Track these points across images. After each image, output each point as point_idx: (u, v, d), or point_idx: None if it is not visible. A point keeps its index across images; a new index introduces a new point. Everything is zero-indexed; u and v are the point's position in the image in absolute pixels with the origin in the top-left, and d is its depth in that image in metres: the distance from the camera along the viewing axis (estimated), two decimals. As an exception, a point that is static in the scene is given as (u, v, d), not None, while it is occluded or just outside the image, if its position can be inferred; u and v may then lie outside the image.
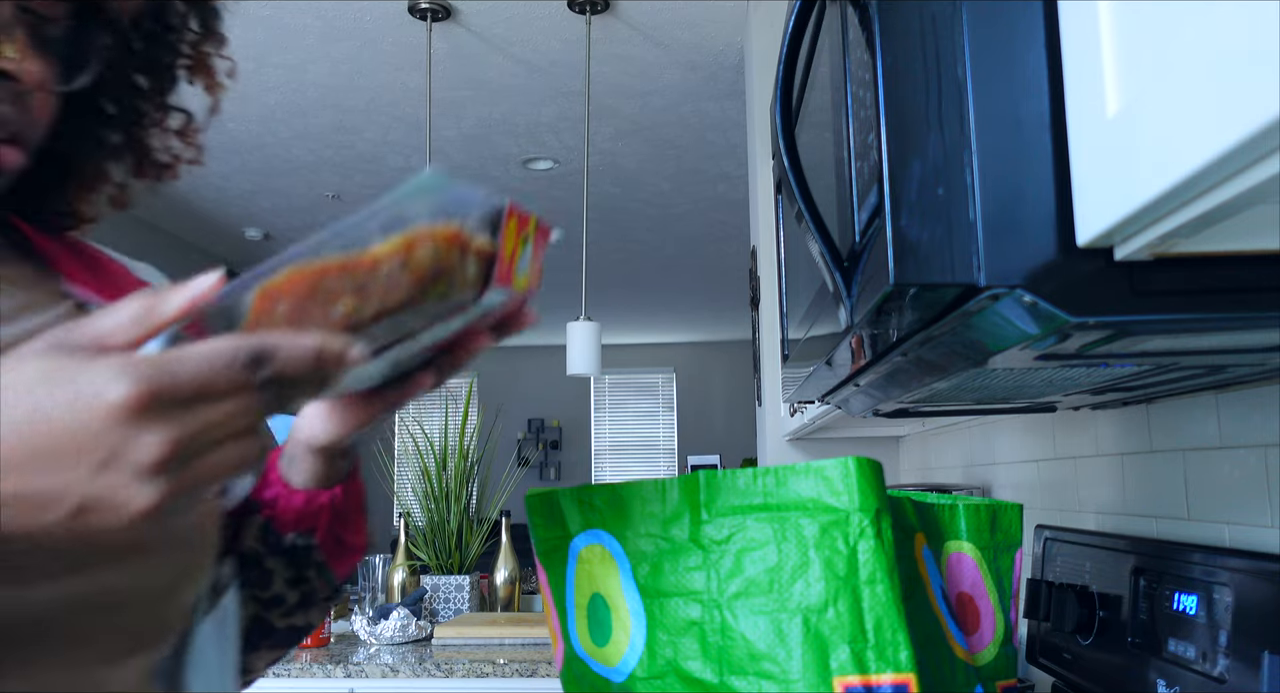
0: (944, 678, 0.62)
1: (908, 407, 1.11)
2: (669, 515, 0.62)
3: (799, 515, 0.58)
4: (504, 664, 2.00)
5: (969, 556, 0.72)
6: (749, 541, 0.59)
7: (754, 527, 0.59)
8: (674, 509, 0.62)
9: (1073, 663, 1.12)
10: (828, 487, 0.58)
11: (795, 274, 1.07)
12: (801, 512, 0.58)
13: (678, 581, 0.61)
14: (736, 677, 0.57)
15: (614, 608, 0.63)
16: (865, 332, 0.69)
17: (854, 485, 0.57)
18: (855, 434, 2.33)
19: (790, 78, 0.77)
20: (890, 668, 0.54)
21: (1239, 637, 0.79)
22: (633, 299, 6.90)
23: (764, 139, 2.47)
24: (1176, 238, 0.40)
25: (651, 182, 4.40)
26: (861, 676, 0.54)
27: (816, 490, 0.58)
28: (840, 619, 0.55)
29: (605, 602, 0.64)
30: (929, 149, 0.51)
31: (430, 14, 2.80)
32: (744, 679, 0.57)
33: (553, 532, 0.68)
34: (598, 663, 0.65)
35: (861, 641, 0.55)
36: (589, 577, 0.66)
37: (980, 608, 0.72)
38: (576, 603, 0.66)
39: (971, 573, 0.72)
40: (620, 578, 0.64)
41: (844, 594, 0.56)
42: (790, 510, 0.58)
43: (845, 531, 0.57)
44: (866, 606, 0.56)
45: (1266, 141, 0.30)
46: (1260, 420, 0.87)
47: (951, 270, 0.49)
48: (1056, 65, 0.47)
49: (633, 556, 0.63)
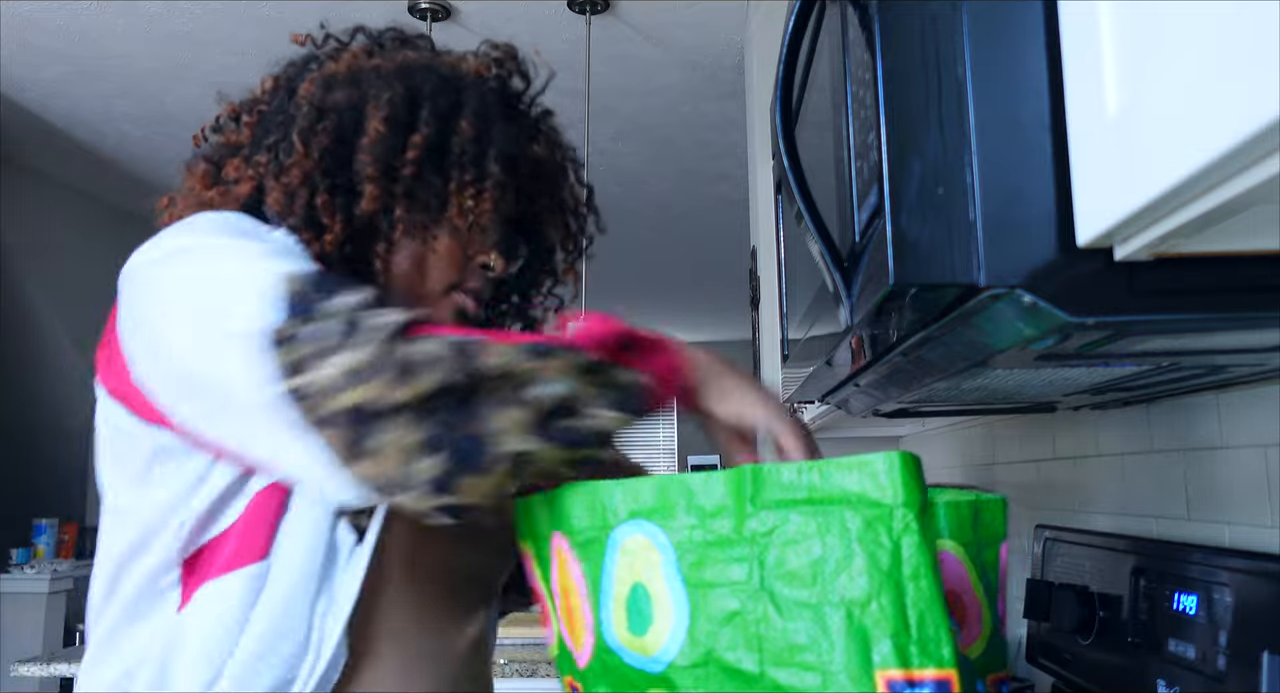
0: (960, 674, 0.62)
1: (908, 407, 1.11)
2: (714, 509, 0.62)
3: (843, 509, 0.58)
4: (504, 664, 2.00)
5: (952, 553, 0.73)
6: (793, 534, 0.59)
7: (797, 520, 0.59)
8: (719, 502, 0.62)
9: (1073, 663, 1.12)
10: (873, 481, 0.57)
11: (795, 274, 1.07)
12: (846, 505, 0.58)
13: (721, 571, 0.61)
14: (778, 668, 0.57)
15: (656, 598, 0.64)
16: (865, 332, 0.69)
17: (898, 480, 0.57)
18: (855, 434, 2.33)
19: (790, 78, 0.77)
20: (933, 663, 0.54)
21: (1239, 637, 0.79)
22: (633, 299, 6.90)
23: (764, 139, 2.46)
24: (1176, 238, 0.40)
25: (651, 182, 4.40)
26: (904, 670, 0.54)
27: (861, 485, 0.57)
28: (884, 613, 0.55)
29: (647, 591, 0.64)
30: (929, 149, 0.51)
31: (430, 14, 2.80)
32: (786, 671, 0.57)
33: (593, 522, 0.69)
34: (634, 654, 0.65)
35: (905, 635, 0.55)
36: (630, 567, 0.66)
37: (966, 603, 0.72)
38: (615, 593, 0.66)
39: (956, 570, 0.72)
40: (663, 568, 0.64)
41: (887, 588, 0.55)
42: (835, 505, 0.58)
43: (889, 525, 0.56)
44: (910, 600, 0.55)
45: (1266, 141, 0.30)
46: (1260, 420, 0.87)
47: (951, 270, 0.49)
48: (1056, 65, 0.47)
49: (678, 546, 0.63)
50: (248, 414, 0.68)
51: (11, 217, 4.05)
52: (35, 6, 2.86)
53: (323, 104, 0.85)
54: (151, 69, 3.25)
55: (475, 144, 0.86)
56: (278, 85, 0.92)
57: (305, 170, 0.82)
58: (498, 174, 0.86)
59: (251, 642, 0.72)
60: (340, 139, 0.83)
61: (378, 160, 0.82)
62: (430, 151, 0.84)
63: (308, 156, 0.82)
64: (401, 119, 0.84)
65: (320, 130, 0.83)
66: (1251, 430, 0.89)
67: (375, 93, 0.85)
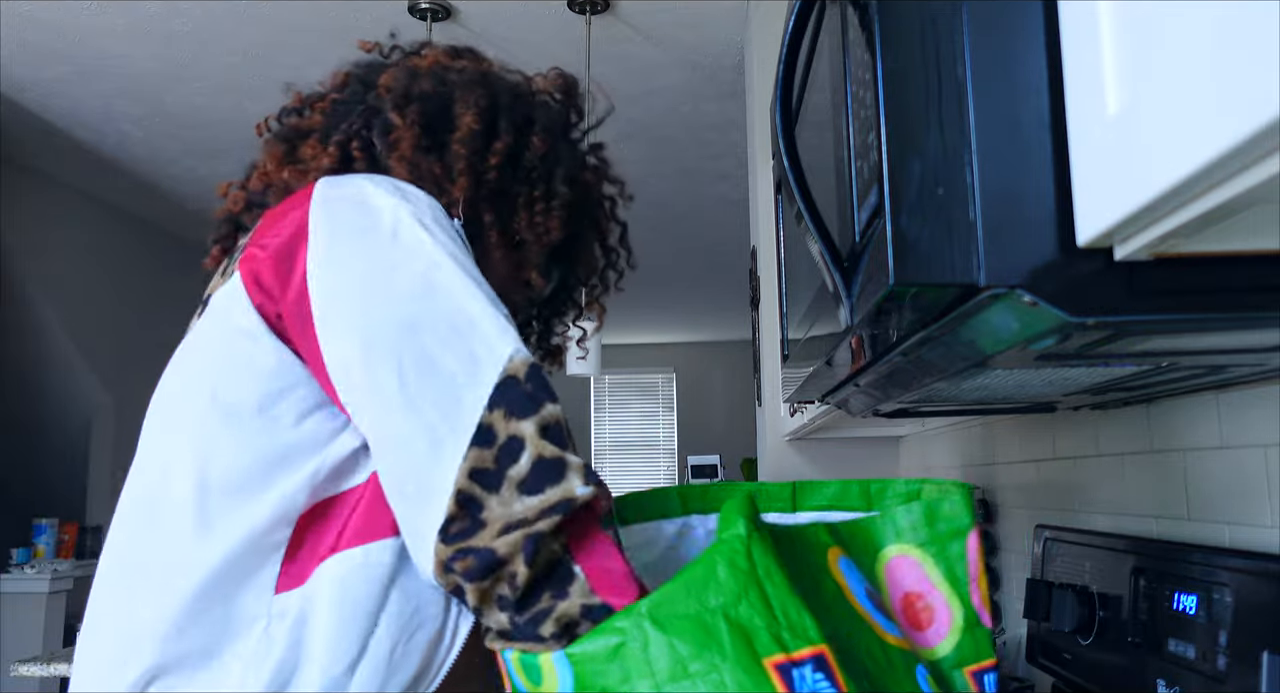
0: (878, 663, 0.66)
1: (908, 407, 1.11)
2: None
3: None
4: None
5: (909, 556, 0.75)
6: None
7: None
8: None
9: (1073, 663, 1.12)
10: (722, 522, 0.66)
11: (795, 274, 1.07)
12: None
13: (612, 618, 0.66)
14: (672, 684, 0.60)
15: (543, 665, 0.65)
16: (865, 332, 0.69)
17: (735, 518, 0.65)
18: (855, 434, 2.33)
19: (790, 78, 0.77)
20: (805, 643, 0.60)
21: (1239, 637, 0.79)
22: (633, 299, 6.90)
23: (764, 139, 2.46)
24: (1176, 238, 0.40)
25: (651, 182, 4.40)
26: (785, 653, 0.60)
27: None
28: (754, 608, 0.61)
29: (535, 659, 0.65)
30: (929, 149, 0.50)
31: (430, 14, 2.80)
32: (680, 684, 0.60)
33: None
34: None
35: (776, 626, 0.61)
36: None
37: (932, 604, 0.74)
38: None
39: (914, 573, 0.74)
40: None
41: (751, 588, 0.62)
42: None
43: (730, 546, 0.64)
44: (771, 594, 0.62)
45: (1266, 141, 0.30)
46: (1260, 420, 0.87)
47: (951, 270, 0.49)
48: (1056, 65, 0.47)
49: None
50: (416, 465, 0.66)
51: (11, 216, 4.05)
52: (35, 6, 2.86)
53: (409, 90, 0.86)
54: (151, 69, 3.25)
55: (544, 161, 0.89)
56: (349, 79, 0.93)
57: (413, 141, 0.83)
58: (565, 193, 0.89)
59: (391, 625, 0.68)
60: (429, 125, 0.85)
61: (470, 155, 0.84)
62: (507, 160, 0.86)
63: (409, 128, 0.83)
64: (487, 122, 0.86)
65: (411, 110, 0.84)
66: (1251, 430, 0.89)
67: (461, 92, 0.87)
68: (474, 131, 0.85)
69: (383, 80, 0.89)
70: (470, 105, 0.86)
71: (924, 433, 2.18)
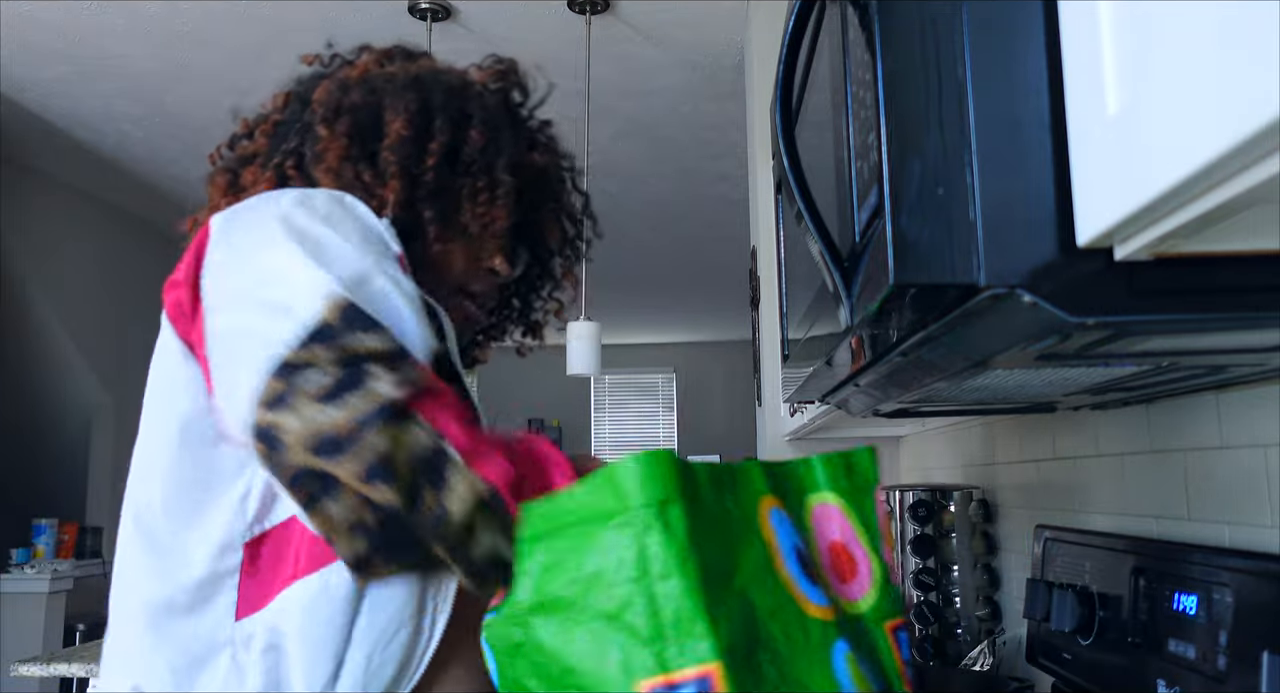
0: (794, 643, 0.62)
1: (908, 407, 1.11)
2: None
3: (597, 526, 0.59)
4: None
5: (833, 504, 0.75)
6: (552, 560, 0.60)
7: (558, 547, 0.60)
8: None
9: (1073, 663, 1.12)
10: (616, 490, 0.58)
11: (795, 274, 1.07)
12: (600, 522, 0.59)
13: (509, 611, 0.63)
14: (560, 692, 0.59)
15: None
16: (865, 332, 0.69)
17: (637, 479, 0.58)
18: (855, 434, 2.33)
19: (790, 78, 0.77)
20: (692, 662, 0.55)
21: (1239, 637, 0.79)
22: (633, 299, 6.90)
23: (764, 139, 2.46)
24: (1176, 238, 0.40)
25: (651, 181, 4.40)
26: (664, 674, 0.55)
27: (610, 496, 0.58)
28: (638, 622, 0.56)
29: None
30: (929, 149, 0.50)
31: (430, 14, 2.80)
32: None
33: None
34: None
35: (660, 640, 0.55)
36: None
37: (855, 554, 0.74)
38: None
39: (839, 520, 0.74)
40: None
41: (638, 596, 0.56)
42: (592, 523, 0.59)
43: (634, 528, 0.57)
44: (662, 602, 0.56)
45: (1266, 141, 0.30)
46: (1260, 420, 0.87)
47: (951, 270, 0.49)
48: (1056, 65, 0.47)
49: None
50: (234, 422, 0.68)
51: (11, 216, 4.05)
52: (35, 6, 2.86)
53: (339, 103, 0.88)
54: (151, 69, 3.25)
55: (484, 153, 0.89)
56: (289, 98, 0.95)
57: (339, 152, 0.84)
58: (509, 182, 0.90)
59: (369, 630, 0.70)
60: (360, 136, 0.86)
61: (400, 162, 0.85)
62: (444, 158, 0.87)
63: (335, 139, 0.85)
64: (419, 126, 0.87)
65: (340, 123, 0.86)
66: (1251, 430, 0.89)
67: (391, 100, 0.88)
68: (403, 138, 0.86)
69: (316, 95, 0.91)
70: (400, 111, 0.87)
71: (924, 433, 2.18)
